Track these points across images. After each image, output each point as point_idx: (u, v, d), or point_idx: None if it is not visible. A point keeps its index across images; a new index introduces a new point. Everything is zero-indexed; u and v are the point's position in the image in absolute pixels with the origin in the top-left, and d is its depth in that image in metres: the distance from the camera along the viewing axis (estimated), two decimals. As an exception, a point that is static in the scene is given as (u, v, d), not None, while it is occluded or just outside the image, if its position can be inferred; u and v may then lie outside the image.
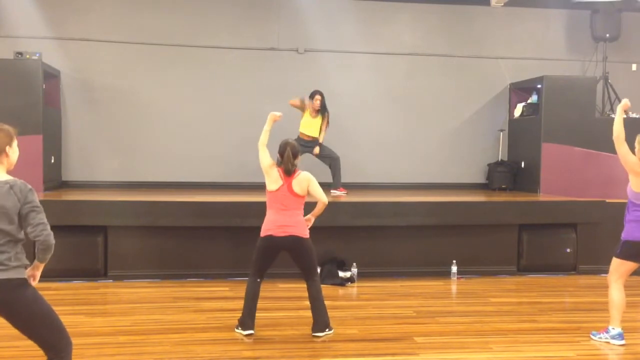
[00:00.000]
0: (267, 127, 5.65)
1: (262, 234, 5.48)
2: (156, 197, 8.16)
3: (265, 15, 10.32)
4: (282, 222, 5.41)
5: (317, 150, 9.07)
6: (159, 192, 8.98)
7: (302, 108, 9.09)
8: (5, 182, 3.46)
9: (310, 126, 9.09)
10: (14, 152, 3.59)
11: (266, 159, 5.54)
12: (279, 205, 5.45)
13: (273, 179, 5.49)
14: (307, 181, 5.51)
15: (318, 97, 9.01)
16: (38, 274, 3.59)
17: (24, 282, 3.46)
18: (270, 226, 5.44)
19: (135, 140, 9.98)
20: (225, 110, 10.18)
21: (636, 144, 5.27)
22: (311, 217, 5.65)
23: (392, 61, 10.63)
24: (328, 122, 9.14)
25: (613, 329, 5.35)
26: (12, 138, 3.58)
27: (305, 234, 5.47)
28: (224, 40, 10.20)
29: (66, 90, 9.79)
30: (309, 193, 5.54)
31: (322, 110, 9.09)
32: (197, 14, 10.14)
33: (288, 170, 5.45)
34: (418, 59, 10.68)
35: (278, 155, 5.56)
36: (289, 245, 5.43)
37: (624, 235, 5.26)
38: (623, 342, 5.30)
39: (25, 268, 3.51)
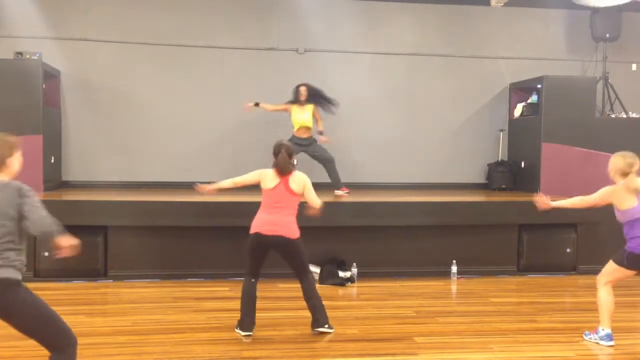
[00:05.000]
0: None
1: (251, 230, 5.49)
2: (156, 197, 8.16)
3: (265, 15, 10.31)
4: (272, 220, 5.41)
5: (324, 138, 9.12)
6: (159, 192, 8.98)
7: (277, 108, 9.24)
8: (5, 181, 3.49)
9: (301, 120, 9.11)
10: (15, 161, 3.60)
11: (251, 175, 5.62)
12: (273, 203, 5.46)
13: (269, 178, 5.52)
14: (303, 181, 5.55)
15: (303, 87, 9.11)
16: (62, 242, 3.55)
17: (14, 283, 3.41)
18: (259, 223, 5.46)
19: (135, 140, 9.98)
20: (225, 110, 10.16)
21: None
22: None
23: (392, 61, 10.63)
24: (319, 112, 9.24)
25: (602, 329, 5.35)
26: (12, 149, 3.60)
27: (294, 234, 5.46)
28: (223, 40, 10.19)
29: (66, 90, 9.78)
30: (303, 195, 5.55)
31: (311, 99, 9.16)
32: (197, 14, 10.13)
33: (284, 170, 5.48)
34: (418, 59, 10.67)
35: (273, 156, 5.60)
36: (277, 244, 5.43)
37: (631, 248, 5.18)
38: (612, 343, 5.29)
39: (20, 270, 3.46)
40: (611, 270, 5.32)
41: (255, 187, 9.66)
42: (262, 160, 9.73)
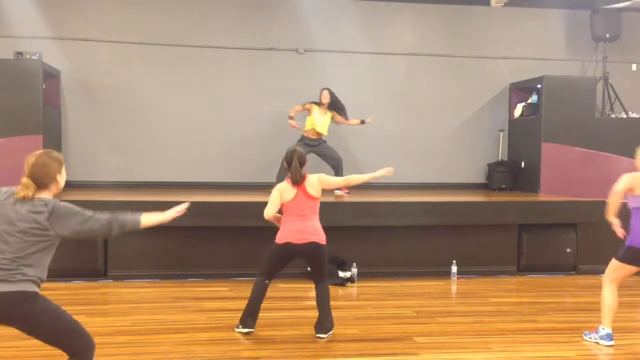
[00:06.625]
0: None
1: (280, 241, 5.43)
2: (156, 197, 8.15)
3: (265, 15, 10.31)
4: (302, 228, 5.39)
5: (370, 120, 9.37)
6: (159, 192, 8.98)
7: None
8: (42, 200, 3.42)
9: (319, 123, 9.13)
10: (62, 178, 3.56)
11: (275, 198, 5.45)
12: (297, 212, 5.42)
13: (287, 191, 5.47)
14: (318, 180, 5.52)
15: (325, 91, 9.15)
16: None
17: (31, 296, 3.39)
18: (289, 233, 5.41)
19: (135, 140, 9.98)
20: (225, 110, 10.17)
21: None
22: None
23: (392, 61, 10.63)
24: (346, 116, 9.37)
25: (603, 329, 5.34)
26: (61, 165, 3.56)
27: (324, 240, 5.48)
28: (223, 40, 10.20)
29: (66, 90, 9.79)
30: (323, 190, 5.56)
31: (332, 106, 9.20)
32: (196, 14, 10.14)
33: (296, 180, 5.44)
34: (418, 59, 10.68)
35: (285, 163, 5.59)
36: (309, 251, 5.42)
37: (629, 242, 5.23)
38: (612, 342, 5.28)
39: (36, 283, 3.42)
40: (614, 267, 5.32)
41: (255, 188, 9.68)
42: (262, 159, 9.83)
